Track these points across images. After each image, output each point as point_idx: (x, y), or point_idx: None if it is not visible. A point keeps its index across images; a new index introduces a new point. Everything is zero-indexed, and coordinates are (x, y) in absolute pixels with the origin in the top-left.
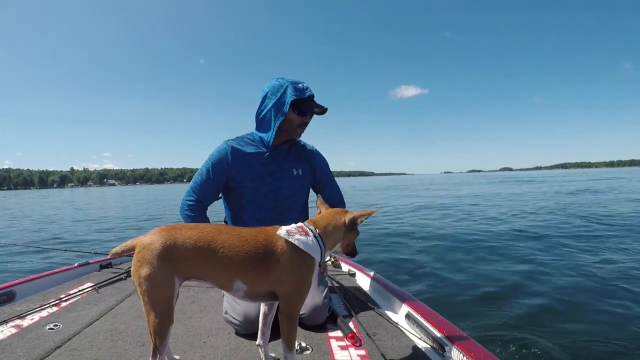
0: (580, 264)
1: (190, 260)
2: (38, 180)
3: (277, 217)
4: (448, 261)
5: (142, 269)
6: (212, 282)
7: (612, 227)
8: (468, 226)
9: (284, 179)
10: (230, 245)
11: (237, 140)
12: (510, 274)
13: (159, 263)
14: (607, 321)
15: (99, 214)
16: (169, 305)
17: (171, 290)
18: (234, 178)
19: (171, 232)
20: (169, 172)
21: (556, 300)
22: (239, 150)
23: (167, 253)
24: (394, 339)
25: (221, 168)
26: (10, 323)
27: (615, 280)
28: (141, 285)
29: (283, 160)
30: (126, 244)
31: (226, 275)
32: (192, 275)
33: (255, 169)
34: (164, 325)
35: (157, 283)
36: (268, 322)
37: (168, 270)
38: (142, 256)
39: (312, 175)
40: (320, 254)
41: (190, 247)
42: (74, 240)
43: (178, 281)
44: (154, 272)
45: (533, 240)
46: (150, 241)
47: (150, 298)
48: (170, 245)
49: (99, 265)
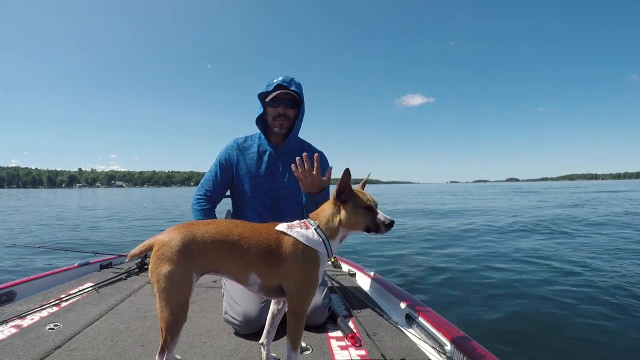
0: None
1: (208, 254)
2: (47, 179)
3: (277, 215)
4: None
5: (161, 266)
6: (229, 275)
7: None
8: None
9: (284, 179)
10: (247, 238)
11: (245, 138)
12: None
13: (179, 259)
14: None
15: (126, 215)
16: (186, 302)
17: (189, 286)
18: (238, 174)
19: (189, 229)
20: (176, 175)
21: (560, 300)
22: (244, 148)
23: (186, 249)
24: (394, 339)
25: (228, 165)
26: (10, 323)
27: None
28: (159, 282)
29: (286, 162)
30: (143, 244)
31: (242, 268)
32: (209, 269)
33: (257, 168)
34: (178, 322)
35: (176, 280)
36: (275, 322)
37: (187, 266)
38: (161, 253)
39: None
40: (324, 246)
41: (209, 242)
42: (90, 241)
43: (195, 276)
44: (174, 268)
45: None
46: (169, 238)
47: (168, 295)
48: (189, 241)
49: (99, 265)
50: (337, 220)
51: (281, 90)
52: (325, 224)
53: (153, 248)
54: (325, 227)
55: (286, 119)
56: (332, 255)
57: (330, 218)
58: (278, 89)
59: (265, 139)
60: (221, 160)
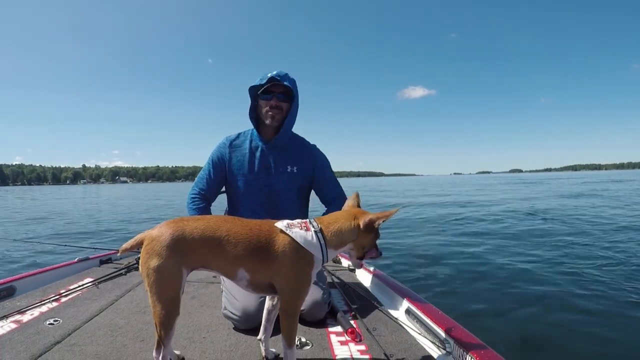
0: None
1: (198, 250)
2: (51, 176)
3: (271, 211)
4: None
5: (151, 260)
6: (218, 270)
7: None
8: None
9: (277, 175)
10: (236, 233)
11: (237, 135)
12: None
13: (168, 254)
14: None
15: (128, 210)
16: (176, 296)
17: (179, 281)
18: (231, 171)
19: (179, 224)
20: (180, 170)
21: (561, 295)
22: (236, 144)
23: (175, 244)
24: (394, 334)
25: (220, 163)
26: (10, 318)
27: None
28: (149, 276)
29: (279, 156)
30: (135, 238)
31: (230, 263)
32: (199, 264)
33: (250, 164)
34: (170, 317)
35: (166, 274)
36: (271, 318)
37: (177, 261)
38: (151, 248)
39: (311, 173)
40: (320, 251)
41: (198, 237)
42: (89, 236)
43: (186, 272)
44: (163, 263)
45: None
46: (159, 233)
47: (158, 289)
48: (178, 236)
49: (99, 261)
50: (349, 237)
51: (273, 83)
52: (335, 234)
53: (143, 243)
54: (332, 236)
55: (279, 111)
56: (327, 262)
57: (342, 231)
58: (271, 82)
59: (257, 134)
60: (214, 158)
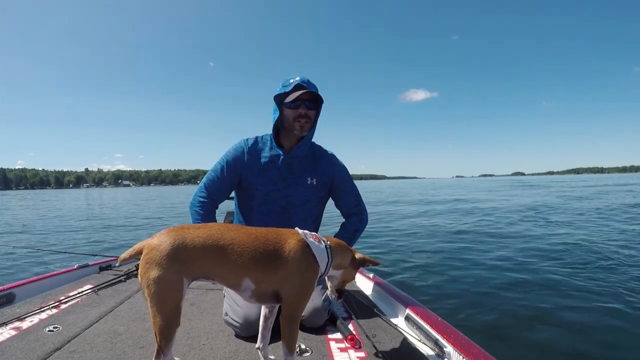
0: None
1: (199, 259)
2: (54, 180)
3: (285, 223)
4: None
5: (150, 270)
6: (221, 280)
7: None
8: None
9: (296, 187)
10: (240, 242)
11: (256, 139)
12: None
13: (168, 264)
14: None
15: (130, 215)
16: (177, 306)
17: (180, 291)
18: (248, 178)
19: (179, 233)
20: (182, 173)
21: (563, 298)
22: (256, 150)
23: (176, 253)
24: (394, 341)
25: (236, 166)
26: (9, 325)
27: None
28: (149, 287)
29: (299, 167)
30: (133, 247)
31: (235, 273)
32: (201, 274)
33: (270, 173)
34: (171, 327)
35: (166, 284)
36: (268, 325)
37: (177, 271)
38: (150, 258)
39: (329, 184)
40: (326, 264)
41: (200, 246)
42: (89, 242)
43: (186, 282)
44: (163, 273)
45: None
46: (158, 242)
47: (158, 300)
48: (179, 245)
49: (99, 268)
50: (346, 263)
51: (302, 91)
52: (339, 255)
53: (142, 252)
54: (337, 256)
55: (308, 120)
56: (324, 276)
57: (345, 256)
58: (297, 89)
59: (276, 143)
60: (229, 160)
